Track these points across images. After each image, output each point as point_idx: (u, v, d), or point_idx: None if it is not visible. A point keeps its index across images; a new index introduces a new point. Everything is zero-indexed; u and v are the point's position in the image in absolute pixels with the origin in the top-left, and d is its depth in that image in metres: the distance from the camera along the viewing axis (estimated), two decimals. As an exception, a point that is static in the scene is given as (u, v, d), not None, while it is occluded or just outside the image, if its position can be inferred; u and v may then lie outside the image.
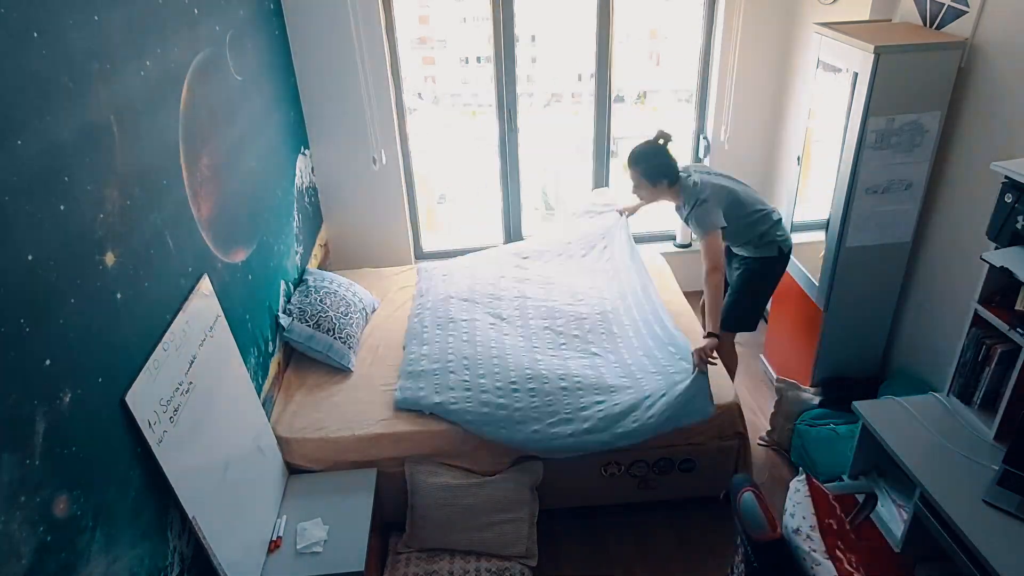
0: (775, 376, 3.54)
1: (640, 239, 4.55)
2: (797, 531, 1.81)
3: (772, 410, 3.32)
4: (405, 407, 2.80)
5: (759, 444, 3.33)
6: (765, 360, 3.88)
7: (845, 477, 2.70)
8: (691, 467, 2.87)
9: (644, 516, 2.98)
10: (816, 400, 3.21)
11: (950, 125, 2.77)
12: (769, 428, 3.35)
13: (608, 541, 2.89)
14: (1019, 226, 2.15)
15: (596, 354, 3.08)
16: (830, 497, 1.91)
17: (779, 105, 4.05)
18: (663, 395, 2.65)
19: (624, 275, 3.50)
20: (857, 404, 2.54)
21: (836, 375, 3.30)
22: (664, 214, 4.64)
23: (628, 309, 3.32)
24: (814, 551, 1.74)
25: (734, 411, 2.80)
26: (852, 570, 1.72)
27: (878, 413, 2.48)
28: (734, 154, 4.17)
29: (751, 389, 3.71)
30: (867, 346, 3.26)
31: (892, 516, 2.48)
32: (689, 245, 4.49)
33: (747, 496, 1.81)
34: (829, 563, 1.70)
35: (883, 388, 3.08)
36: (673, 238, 4.54)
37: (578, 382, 2.84)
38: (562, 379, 2.86)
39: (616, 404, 2.71)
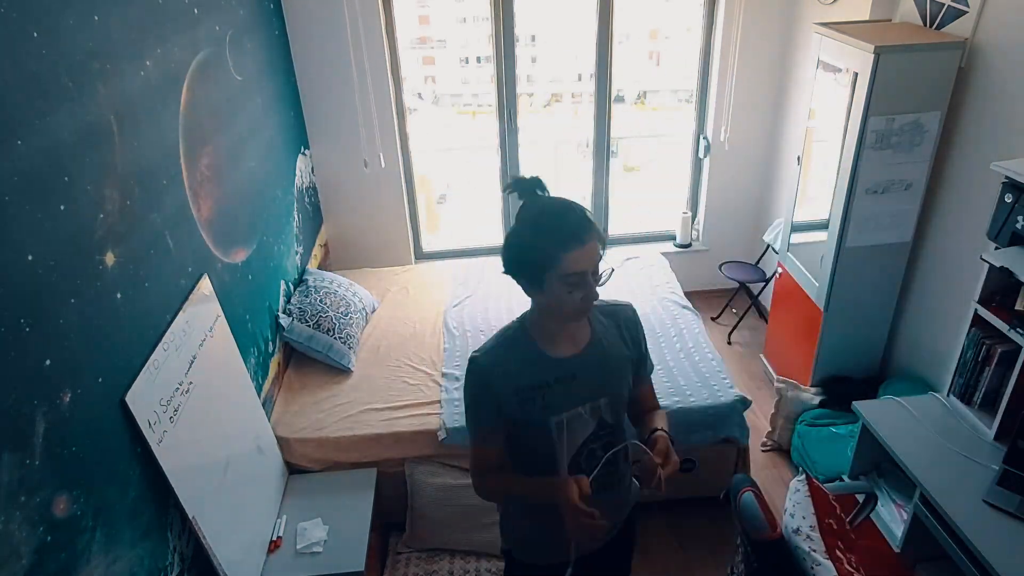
0: (775, 376, 3.54)
1: (639, 239, 4.57)
2: (797, 531, 1.81)
3: (772, 410, 3.32)
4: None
5: (761, 449, 3.33)
6: (765, 360, 3.88)
7: (845, 477, 2.70)
8: (691, 467, 2.87)
9: (644, 516, 2.97)
10: (816, 400, 3.21)
11: (950, 125, 2.77)
12: (769, 429, 3.35)
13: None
14: (1019, 226, 2.15)
15: None
16: (830, 497, 1.91)
17: (779, 105, 4.05)
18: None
19: None
20: (857, 404, 2.54)
21: (836, 375, 3.30)
22: (663, 212, 4.65)
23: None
24: (814, 551, 1.74)
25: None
26: (852, 570, 1.72)
27: (878, 413, 2.48)
28: (734, 154, 4.17)
29: (751, 390, 3.71)
30: (867, 346, 3.26)
31: (892, 516, 2.49)
32: (689, 245, 4.50)
33: (747, 496, 1.81)
34: (829, 563, 1.70)
35: (883, 388, 3.08)
36: (673, 238, 4.54)
37: None
38: None
39: None
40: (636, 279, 3.79)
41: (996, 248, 2.26)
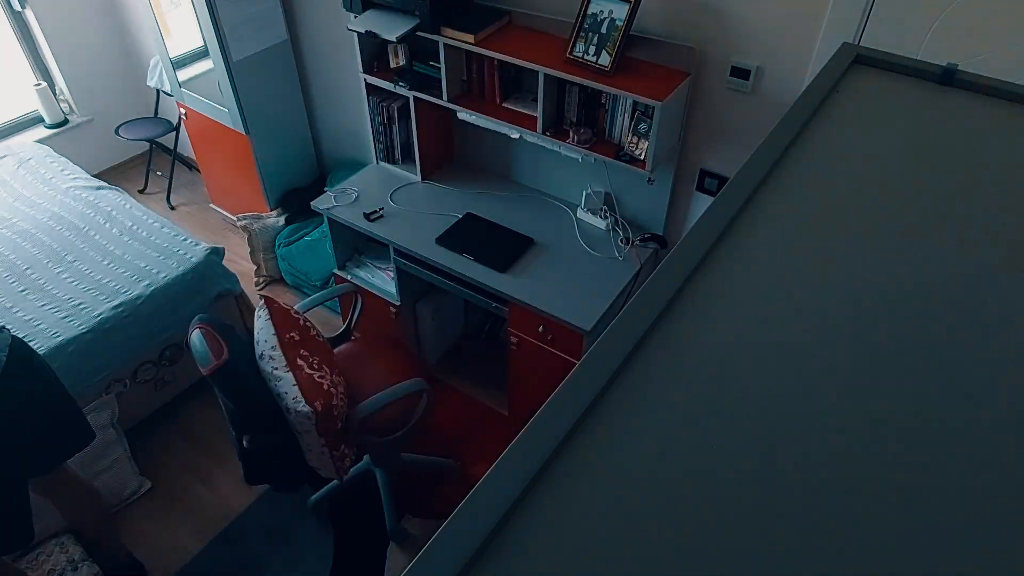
0: (235, 217, 3.42)
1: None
2: (262, 356, 1.84)
3: (249, 249, 3.25)
4: None
5: (258, 290, 3.28)
6: (217, 208, 3.69)
7: (339, 273, 2.87)
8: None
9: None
10: (282, 221, 3.25)
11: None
12: (255, 266, 3.29)
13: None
14: (365, -11, 2.34)
15: None
16: (292, 313, 1.97)
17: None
18: None
19: None
20: (315, 204, 2.65)
21: (287, 190, 3.36)
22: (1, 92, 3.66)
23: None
24: (276, 369, 1.79)
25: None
26: (313, 371, 1.80)
27: (333, 203, 2.64)
28: (61, -5, 3.42)
29: (219, 241, 3.52)
30: (300, 151, 3.36)
31: (384, 280, 2.80)
32: (66, 122, 3.71)
33: (195, 335, 1.75)
34: (289, 374, 1.77)
35: (330, 181, 3.27)
36: (41, 120, 3.66)
37: None
38: None
39: None
40: (21, 180, 3.01)
41: (355, 17, 2.45)
